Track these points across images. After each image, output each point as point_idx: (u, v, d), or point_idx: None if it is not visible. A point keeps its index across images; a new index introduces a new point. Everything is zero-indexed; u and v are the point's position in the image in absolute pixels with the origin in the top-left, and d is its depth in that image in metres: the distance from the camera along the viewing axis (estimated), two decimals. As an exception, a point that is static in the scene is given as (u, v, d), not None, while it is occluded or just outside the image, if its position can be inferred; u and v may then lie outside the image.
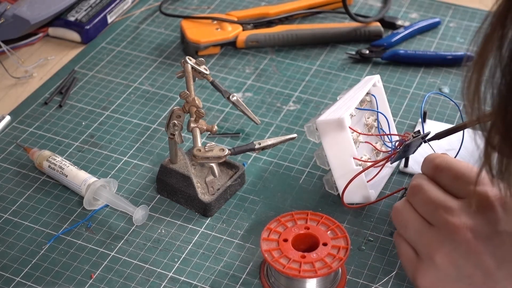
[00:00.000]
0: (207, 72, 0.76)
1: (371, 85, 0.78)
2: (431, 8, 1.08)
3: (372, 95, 0.78)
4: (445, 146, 0.76)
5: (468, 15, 1.07)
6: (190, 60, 0.75)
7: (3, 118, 0.86)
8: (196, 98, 0.72)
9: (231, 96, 0.76)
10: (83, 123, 0.86)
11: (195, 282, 0.68)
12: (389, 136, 0.77)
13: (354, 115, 0.75)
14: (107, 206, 0.75)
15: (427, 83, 0.94)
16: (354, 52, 0.98)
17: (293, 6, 1.05)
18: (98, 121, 0.87)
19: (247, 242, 0.72)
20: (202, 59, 0.75)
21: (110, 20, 1.04)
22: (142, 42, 1.01)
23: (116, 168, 0.80)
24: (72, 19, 1.01)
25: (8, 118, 0.86)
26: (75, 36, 1.01)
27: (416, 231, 0.61)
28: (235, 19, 1.00)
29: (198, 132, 0.71)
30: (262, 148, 0.72)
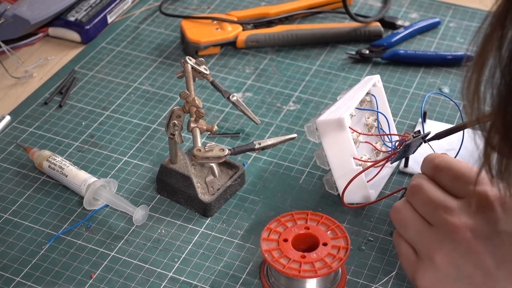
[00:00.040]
0: (207, 72, 0.76)
1: (371, 85, 0.78)
2: (431, 8, 1.08)
3: (372, 95, 0.78)
4: (445, 146, 0.76)
5: (468, 15, 1.07)
6: (190, 60, 0.75)
7: (3, 118, 0.86)
8: (196, 98, 0.72)
9: (231, 96, 0.76)
10: (83, 123, 0.86)
11: (195, 282, 0.68)
12: (389, 136, 0.77)
13: (354, 115, 0.75)
14: (107, 206, 0.75)
15: (427, 83, 0.94)
16: (354, 52, 0.98)
17: (293, 6, 1.05)
18: (98, 121, 0.87)
19: (247, 242, 0.72)
20: (202, 59, 0.75)
21: (110, 20, 1.04)
22: (142, 42, 1.01)
23: (116, 168, 0.80)
24: (72, 19, 1.01)
25: (8, 118, 0.86)
26: (75, 36, 1.01)
27: (415, 231, 0.61)
28: (235, 19, 1.00)
29: (198, 132, 0.71)
30: (262, 148, 0.72)
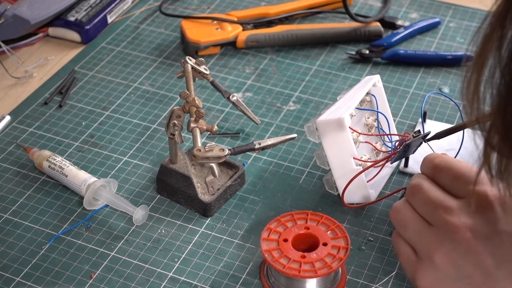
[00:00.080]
0: (207, 72, 0.76)
1: (371, 85, 0.78)
2: (431, 8, 1.08)
3: (372, 95, 0.78)
4: (445, 146, 0.76)
5: (468, 15, 1.07)
6: (190, 60, 0.75)
7: (3, 118, 0.86)
8: (196, 98, 0.72)
9: (231, 96, 0.76)
10: (83, 123, 0.86)
11: (195, 282, 0.68)
12: (389, 136, 0.77)
13: (354, 115, 0.75)
14: (107, 206, 0.75)
15: (427, 83, 0.94)
16: (354, 52, 0.98)
17: (293, 6, 1.05)
18: (98, 121, 0.87)
19: (247, 242, 0.72)
20: (202, 59, 0.75)
21: (110, 20, 1.04)
22: (142, 42, 1.01)
23: (116, 168, 0.80)
24: (72, 19, 1.01)
25: (8, 118, 0.86)
26: (75, 36, 1.01)
27: (415, 231, 0.61)
28: (235, 19, 1.00)
29: (198, 132, 0.71)
30: (262, 148, 0.72)
